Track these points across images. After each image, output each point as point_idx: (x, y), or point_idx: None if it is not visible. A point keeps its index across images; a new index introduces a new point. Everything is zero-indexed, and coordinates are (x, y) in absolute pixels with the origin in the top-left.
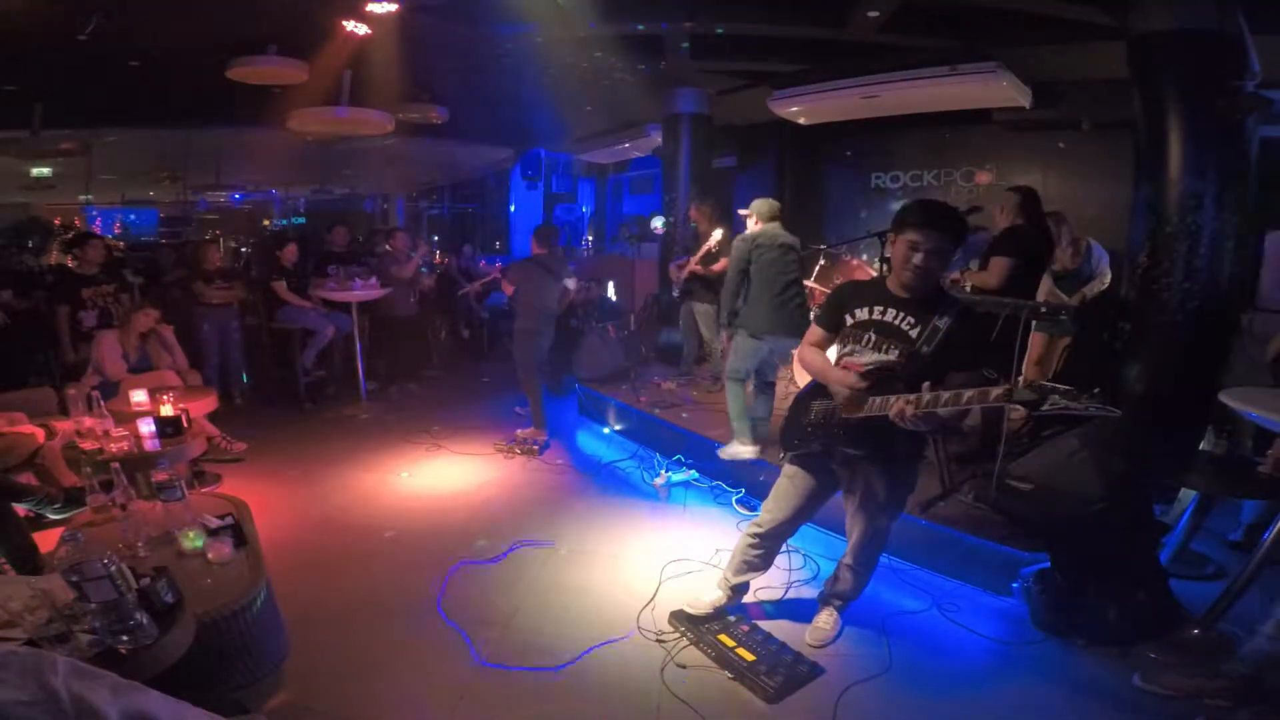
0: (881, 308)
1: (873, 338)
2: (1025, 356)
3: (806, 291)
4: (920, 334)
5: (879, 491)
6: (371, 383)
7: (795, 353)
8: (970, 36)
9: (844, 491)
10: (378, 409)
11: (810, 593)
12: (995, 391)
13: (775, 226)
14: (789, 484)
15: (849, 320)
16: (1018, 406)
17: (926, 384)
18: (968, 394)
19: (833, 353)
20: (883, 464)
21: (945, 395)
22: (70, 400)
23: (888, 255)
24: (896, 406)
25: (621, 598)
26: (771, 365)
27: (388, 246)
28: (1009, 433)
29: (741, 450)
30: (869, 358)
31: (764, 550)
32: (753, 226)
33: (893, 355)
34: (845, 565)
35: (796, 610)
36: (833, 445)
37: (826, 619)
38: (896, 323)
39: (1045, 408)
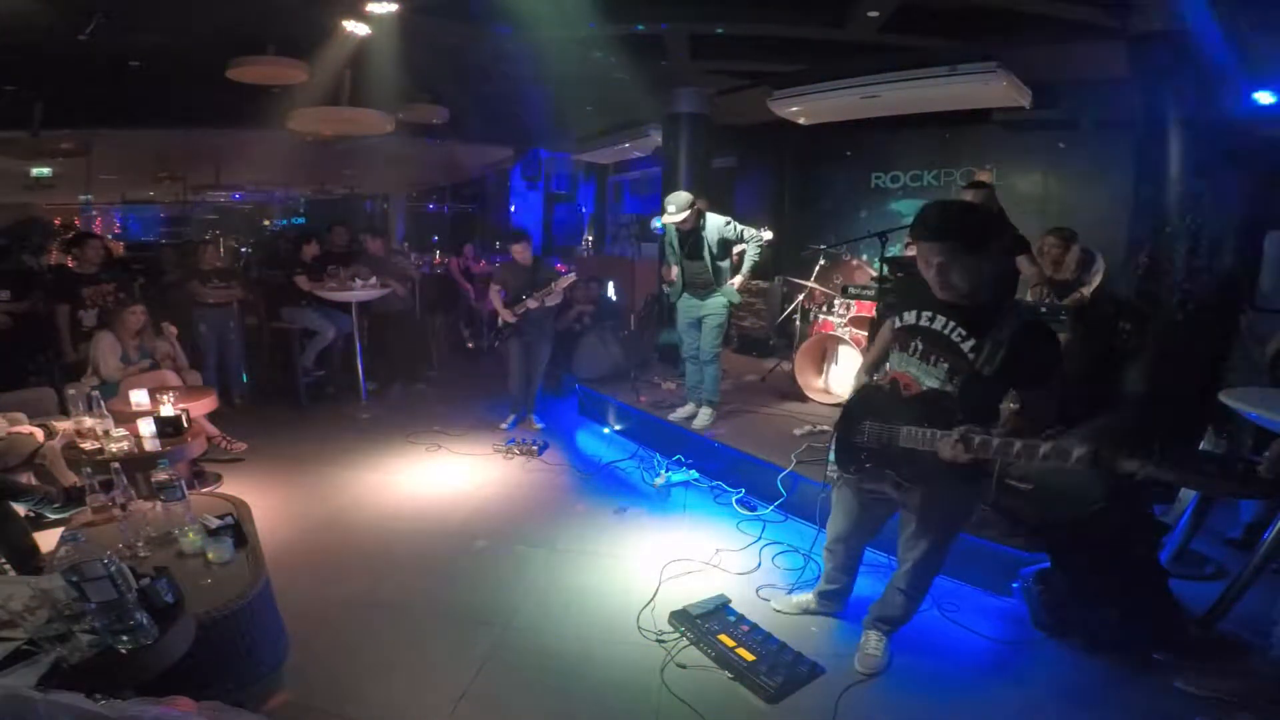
0: (930, 314)
1: (919, 347)
2: None
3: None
4: (977, 351)
5: (935, 521)
6: (371, 383)
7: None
8: (970, 36)
9: (900, 514)
10: (378, 409)
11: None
12: (1078, 451)
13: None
14: (840, 500)
15: (897, 323)
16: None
17: (985, 434)
18: (1043, 448)
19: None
20: (939, 492)
21: (1018, 445)
22: (70, 400)
23: (888, 255)
24: (947, 450)
25: (621, 598)
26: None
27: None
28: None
29: (715, 421)
30: (915, 370)
31: (836, 565)
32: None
33: (941, 369)
34: (896, 589)
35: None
36: (887, 470)
37: (876, 645)
38: (946, 333)
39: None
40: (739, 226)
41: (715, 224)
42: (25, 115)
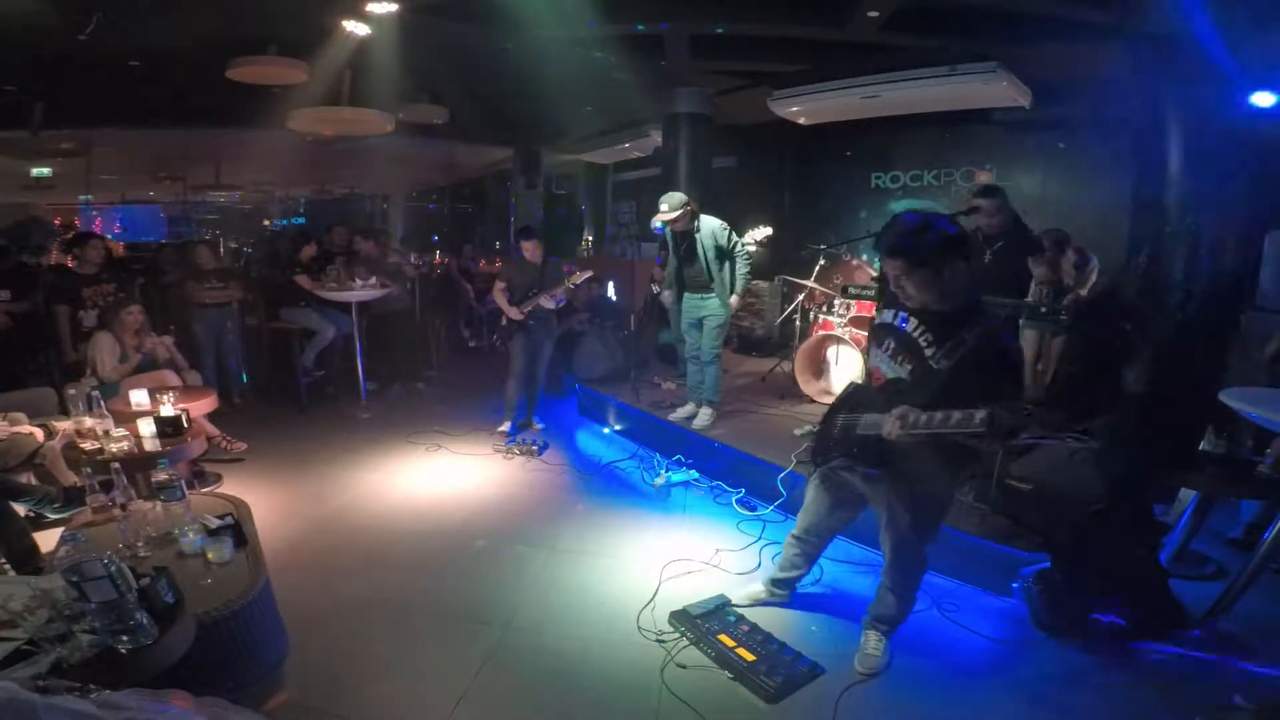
0: (906, 315)
1: (892, 345)
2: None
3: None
4: (936, 352)
5: (901, 513)
6: (371, 383)
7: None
8: (970, 36)
9: (872, 508)
10: (378, 409)
11: (811, 591)
12: (979, 415)
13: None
14: (814, 493)
15: (877, 319)
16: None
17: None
18: (955, 416)
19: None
20: (903, 484)
21: (938, 417)
22: (70, 400)
23: None
24: (887, 425)
25: (621, 598)
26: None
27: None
28: None
29: (715, 421)
30: (884, 366)
31: (800, 552)
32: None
33: (905, 369)
34: (885, 587)
35: (797, 610)
36: (852, 462)
37: (876, 645)
38: (915, 335)
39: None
40: (733, 236)
41: (710, 226)
42: (25, 115)
